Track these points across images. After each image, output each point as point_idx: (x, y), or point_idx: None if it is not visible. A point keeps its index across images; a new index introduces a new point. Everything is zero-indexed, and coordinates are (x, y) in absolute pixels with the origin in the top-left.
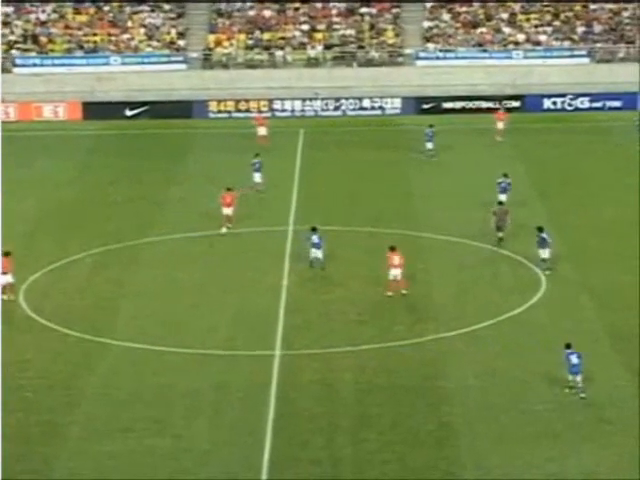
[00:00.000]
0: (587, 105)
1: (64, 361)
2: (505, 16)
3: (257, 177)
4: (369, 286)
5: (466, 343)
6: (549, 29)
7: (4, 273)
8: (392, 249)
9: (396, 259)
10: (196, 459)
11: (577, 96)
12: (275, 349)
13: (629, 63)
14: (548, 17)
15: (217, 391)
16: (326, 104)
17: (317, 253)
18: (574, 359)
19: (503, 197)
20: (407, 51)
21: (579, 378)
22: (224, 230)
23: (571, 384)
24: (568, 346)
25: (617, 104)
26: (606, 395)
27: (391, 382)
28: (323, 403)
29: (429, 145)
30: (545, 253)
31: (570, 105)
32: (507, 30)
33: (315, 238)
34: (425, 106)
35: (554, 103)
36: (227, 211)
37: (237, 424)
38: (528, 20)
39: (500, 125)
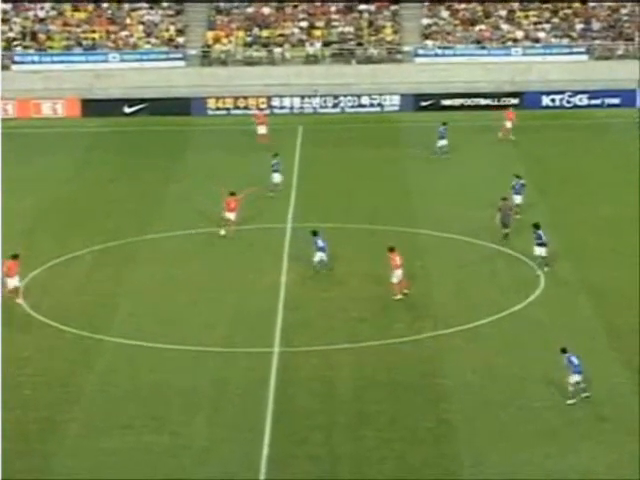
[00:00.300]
0: (586, 102)
1: (62, 358)
2: (503, 13)
3: (276, 177)
4: (368, 284)
5: (465, 340)
6: (548, 26)
7: (10, 276)
8: (391, 250)
9: (397, 259)
10: (194, 456)
11: (576, 93)
12: (274, 346)
13: (628, 60)
14: (547, 14)
15: (215, 388)
16: (325, 101)
17: (323, 256)
18: (575, 360)
19: (518, 199)
20: (406, 48)
21: (581, 378)
22: (223, 232)
23: (572, 389)
24: (564, 350)
25: (616, 101)
26: (604, 393)
27: (390, 379)
28: (322, 400)
29: (442, 142)
30: (542, 251)
31: (569, 102)
32: (505, 27)
33: (320, 242)
34: (423, 103)
35: (553, 100)
36: (230, 215)
37: (236, 421)
38: (527, 17)
39: (509, 124)
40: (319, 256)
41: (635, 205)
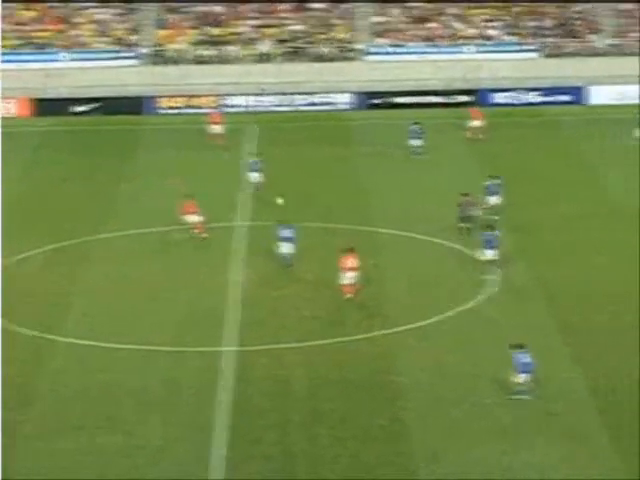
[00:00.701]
0: (536, 99)
1: (15, 359)
2: (454, 11)
3: (254, 177)
4: (322, 282)
5: (417, 338)
6: (499, 24)
7: None
8: (348, 251)
9: (351, 262)
10: (148, 456)
11: (527, 90)
12: (227, 345)
13: (578, 58)
14: (498, 12)
15: (168, 388)
16: (277, 100)
17: (288, 248)
18: (525, 359)
19: (493, 199)
20: (357, 46)
21: (528, 378)
22: (196, 232)
23: (519, 387)
24: (517, 346)
25: (566, 98)
26: (557, 389)
27: (343, 377)
28: (275, 399)
29: (415, 142)
30: (491, 254)
31: (520, 100)
32: (457, 25)
33: (286, 232)
34: (375, 101)
35: (504, 97)
36: (193, 218)
37: (190, 420)
38: (478, 15)
39: (476, 123)
40: (283, 247)
41: (588, 202)
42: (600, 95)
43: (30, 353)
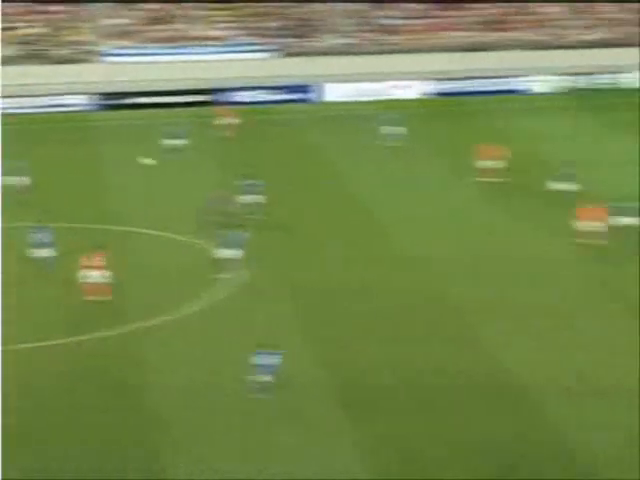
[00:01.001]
0: (273, 98)
1: None
2: (194, 12)
3: (17, 179)
4: (69, 282)
5: (164, 335)
6: (237, 25)
7: None
8: (94, 250)
9: (97, 261)
10: None
11: (264, 89)
12: None
13: (313, 57)
14: (235, 13)
15: None
16: (18, 102)
17: (43, 250)
18: (267, 357)
19: (248, 198)
20: (96, 48)
21: (271, 376)
22: None
23: (262, 386)
24: (259, 345)
25: (302, 96)
26: (300, 385)
27: (89, 376)
28: (22, 399)
29: (170, 142)
30: (235, 253)
31: (258, 98)
32: (196, 26)
33: (41, 234)
34: (117, 102)
35: (244, 97)
36: None
37: None
38: (216, 16)
39: (226, 121)
40: (39, 249)
41: (336, 200)
42: (335, 92)
43: None
